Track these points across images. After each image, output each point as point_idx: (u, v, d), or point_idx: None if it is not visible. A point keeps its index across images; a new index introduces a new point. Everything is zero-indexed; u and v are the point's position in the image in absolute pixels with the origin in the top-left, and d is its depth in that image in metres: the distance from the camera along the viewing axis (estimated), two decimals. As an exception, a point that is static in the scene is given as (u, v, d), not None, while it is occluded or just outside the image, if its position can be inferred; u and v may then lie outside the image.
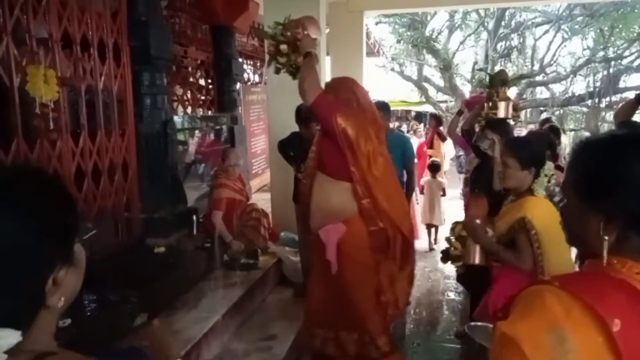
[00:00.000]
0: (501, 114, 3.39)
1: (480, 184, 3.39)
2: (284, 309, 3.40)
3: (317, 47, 2.73)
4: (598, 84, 15.20)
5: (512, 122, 3.52)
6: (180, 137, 3.91)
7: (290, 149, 3.67)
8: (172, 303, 2.88)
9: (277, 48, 2.70)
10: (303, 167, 3.63)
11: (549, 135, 4.18)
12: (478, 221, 2.30)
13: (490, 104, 3.45)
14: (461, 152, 6.34)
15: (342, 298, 2.55)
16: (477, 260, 2.33)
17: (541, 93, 17.34)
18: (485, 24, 15.07)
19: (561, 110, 16.06)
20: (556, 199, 2.62)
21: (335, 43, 6.53)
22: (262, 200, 4.49)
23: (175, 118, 3.68)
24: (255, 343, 2.90)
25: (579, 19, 14.37)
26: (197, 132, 4.28)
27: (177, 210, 3.49)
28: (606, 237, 0.77)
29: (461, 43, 16.20)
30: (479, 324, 1.79)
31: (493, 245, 2.25)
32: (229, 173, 3.68)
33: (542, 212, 2.13)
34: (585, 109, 16.27)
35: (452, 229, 2.49)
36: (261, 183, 6.33)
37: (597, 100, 14.89)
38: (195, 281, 3.21)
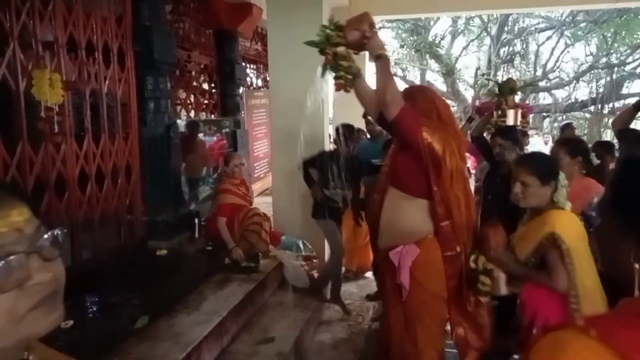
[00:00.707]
0: (510, 121, 3.43)
1: (491, 191, 3.38)
2: (285, 312, 3.41)
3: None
4: (601, 90, 15.19)
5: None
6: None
7: (320, 168, 3.67)
8: (174, 305, 2.90)
9: (333, 53, 2.43)
10: (331, 186, 3.62)
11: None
12: (500, 250, 2.22)
13: (500, 111, 3.48)
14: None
15: (403, 326, 2.37)
16: (504, 291, 2.25)
17: (544, 99, 17.35)
18: (488, 29, 15.11)
19: (564, 116, 16.04)
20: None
21: (338, 48, 6.56)
22: (263, 204, 4.51)
23: (179, 122, 3.72)
24: (256, 346, 2.91)
25: (582, 25, 14.39)
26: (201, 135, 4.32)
27: (179, 213, 3.51)
28: (637, 265, 0.69)
29: (464, 48, 16.26)
30: None
31: (523, 271, 2.14)
32: (233, 176, 3.70)
33: (569, 224, 2.02)
34: (588, 115, 16.25)
35: (474, 261, 2.27)
36: (263, 187, 6.36)
37: (599, 106, 14.88)
38: (197, 284, 3.22)
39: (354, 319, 3.86)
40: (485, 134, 3.79)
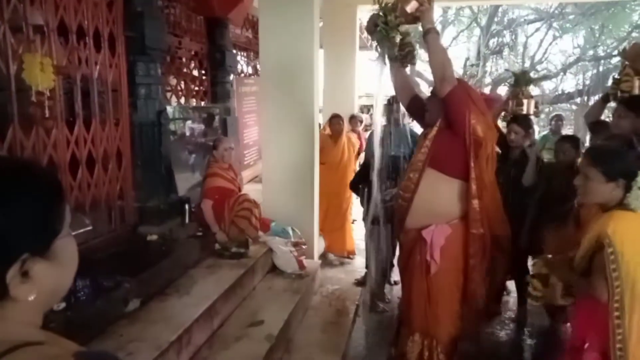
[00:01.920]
0: (525, 110, 3.65)
1: (502, 175, 3.44)
2: (274, 296, 3.49)
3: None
4: (587, 82, 15.40)
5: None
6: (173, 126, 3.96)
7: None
8: (164, 289, 2.95)
9: (401, 35, 2.47)
10: (384, 187, 3.77)
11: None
12: (551, 255, 2.15)
13: (516, 101, 3.68)
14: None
15: (425, 299, 2.53)
16: (559, 301, 2.15)
17: (532, 90, 17.47)
18: (478, 20, 15.17)
19: (550, 108, 16.24)
20: None
21: (328, 36, 6.58)
22: (253, 191, 4.55)
23: (169, 108, 3.72)
24: (245, 329, 2.98)
25: (571, 17, 14.53)
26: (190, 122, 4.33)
27: (169, 199, 3.54)
28: None
29: (454, 39, 16.32)
30: None
31: (572, 277, 2.01)
32: (222, 161, 3.74)
33: (627, 228, 1.78)
34: (574, 107, 16.47)
35: (533, 265, 2.26)
36: (253, 174, 6.38)
37: (586, 98, 15.09)
38: (187, 269, 3.27)
39: (342, 304, 3.95)
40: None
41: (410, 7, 2.31)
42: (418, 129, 3.37)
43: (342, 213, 4.96)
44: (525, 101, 3.66)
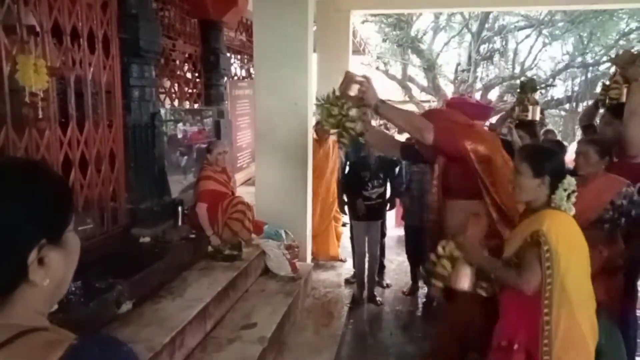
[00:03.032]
0: (531, 116, 3.76)
1: None
2: (266, 299, 3.49)
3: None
4: (576, 88, 15.59)
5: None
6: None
7: (362, 170, 4.05)
8: (157, 291, 2.94)
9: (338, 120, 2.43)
10: (371, 186, 3.96)
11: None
12: (472, 239, 2.14)
13: (522, 107, 3.79)
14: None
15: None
16: (465, 286, 2.15)
17: (539, 96, 17.65)
18: (469, 26, 15.30)
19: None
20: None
21: (322, 41, 6.62)
22: (247, 194, 4.55)
23: (162, 110, 3.72)
24: (238, 331, 2.98)
25: (560, 24, 14.71)
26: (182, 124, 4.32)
27: (162, 201, 3.54)
28: None
29: (445, 44, 16.43)
30: None
31: (491, 264, 2.07)
32: (216, 164, 3.75)
33: (560, 226, 1.86)
34: (563, 113, 16.67)
35: (443, 248, 2.27)
36: (246, 177, 6.39)
37: (574, 104, 15.29)
38: (180, 271, 3.27)
39: (334, 306, 3.97)
40: None
41: (353, 92, 2.35)
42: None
43: (326, 217, 4.96)
44: (530, 107, 3.77)
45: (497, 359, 2.04)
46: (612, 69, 3.45)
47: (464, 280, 2.15)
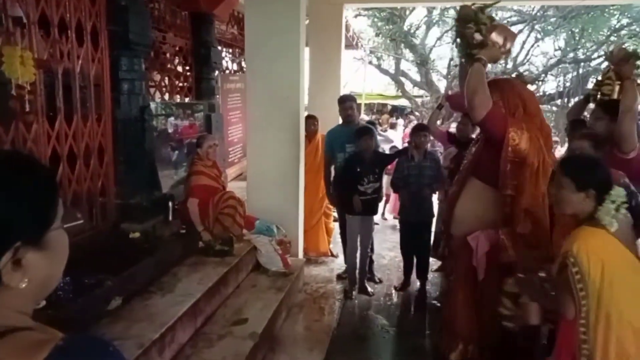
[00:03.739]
0: None
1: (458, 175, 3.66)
2: (258, 294, 3.48)
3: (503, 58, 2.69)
4: (568, 84, 15.69)
5: None
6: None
7: (358, 165, 4.00)
8: (147, 287, 2.92)
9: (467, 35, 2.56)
10: (366, 181, 3.97)
11: None
12: (542, 274, 2.04)
13: None
14: (438, 147, 6.52)
15: (470, 305, 2.59)
16: (534, 320, 2.07)
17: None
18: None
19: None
20: None
21: (314, 35, 6.58)
22: (238, 189, 4.53)
23: (152, 104, 3.68)
24: (229, 327, 2.97)
25: (552, 20, 14.76)
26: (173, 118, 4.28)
27: (153, 196, 3.50)
28: None
29: (438, 39, 16.42)
30: None
31: (540, 297, 1.98)
32: (207, 158, 3.72)
33: (594, 246, 1.73)
34: (554, 108, 16.77)
35: (504, 284, 2.23)
36: (237, 171, 6.36)
37: (566, 100, 15.38)
38: (171, 266, 3.24)
39: (325, 301, 3.97)
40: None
41: (495, 38, 2.48)
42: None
43: (315, 213, 4.94)
44: None
45: None
46: (604, 65, 3.46)
47: (535, 316, 2.08)
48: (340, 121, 4.80)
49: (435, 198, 4.46)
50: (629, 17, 14.17)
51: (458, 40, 2.67)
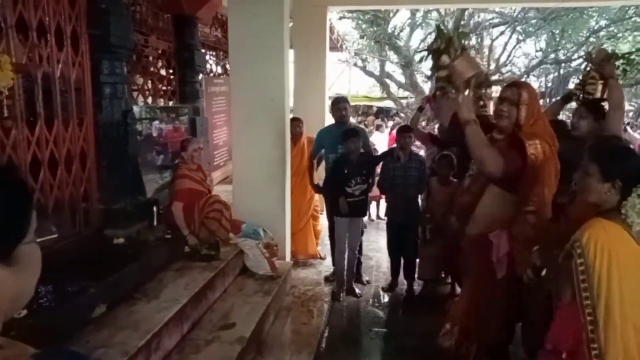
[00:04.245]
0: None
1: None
2: (245, 298, 3.45)
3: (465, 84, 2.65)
4: (550, 84, 15.96)
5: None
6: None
7: (345, 167, 4.00)
8: (132, 294, 2.87)
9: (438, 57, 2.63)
10: (354, 182, 4.00)
11: None
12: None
13: (481, 103, 3.83)
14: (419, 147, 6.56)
15: (488, 301, 2.59)
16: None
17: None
18: (445, 23, 15.46)
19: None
20: None
21: (298, 37, 6.58)
22: (224, 192, 4.50)
23: (135, 108, 3.64)
24: (216, 332, 2.94)
25: (533, 21, 15.00)
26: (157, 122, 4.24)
27: (136, 201, 3.46)
28: None
29: (422, 41, 16.57)
30: None
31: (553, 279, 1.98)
32: (192, 162, 3.68)
33: (605, 240, 1.63)
34: (537, 108, 17.00)
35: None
36: (223, 175, 6.32)
37: (548, 100, 15.63)
38: (156, 272, 3.20)
39: (313, 304, 3.96)
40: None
41: (464, 73, 2.53)
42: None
43: (303, 215, 4.93)
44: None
45: None
46: (584, 66, 3.54)
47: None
48: (327, 122, 4.82)
49: (420, 199, 4.48)
50: (607, 18, 14.47)
51: (429, 55, 2.75)
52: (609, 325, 1.62)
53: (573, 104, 3.44)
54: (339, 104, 4.52)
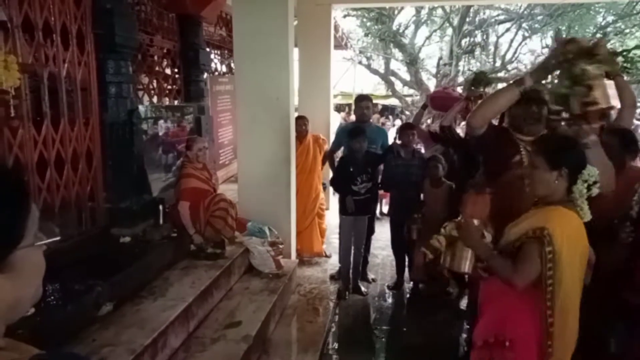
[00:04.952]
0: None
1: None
2: (251, 297, 3.46)
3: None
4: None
5: None
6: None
7: (351, 165, 4.02)
8: (138, 292, 2.89)
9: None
10: (360, 181, 4.00)
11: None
12: (476, 222, 2.00)
13: (479, 102, 3.72)
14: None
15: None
16: (465, 269, 2.07)
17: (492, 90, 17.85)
18: (451, 20, 15.38)
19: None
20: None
21: (303, 35, 6.57)
22: (229, 191, 4.50)
23: (141, 107, 3.64)
24: (222, 330, 2.95)
25: (539, 18, 14.88)
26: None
27: (142, 200, 3.47)
28: None
29: (427, 38, 16.51)
30: None
31: (486, 250, 1.92)
32: (197, 161, 3.69)
33: (567, 228, 1.74)
34: (543, 106, 16.88)
35: (444, 228, 2.18)
36: (228, 174, 6.32)
37: (554, 97, 15.50)
38: (162, 270, 3.21)
39: (319, 302, 3.96)
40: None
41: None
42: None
43: (309, 214, 4.93)
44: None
45: (481, 357, 1.93)
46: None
47: (464, 263, 2.07)
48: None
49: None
50: (614, 14, 14.32)
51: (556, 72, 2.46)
52: (567, 311, 1.74)
53: None
54: (361, 102, 4.51)
